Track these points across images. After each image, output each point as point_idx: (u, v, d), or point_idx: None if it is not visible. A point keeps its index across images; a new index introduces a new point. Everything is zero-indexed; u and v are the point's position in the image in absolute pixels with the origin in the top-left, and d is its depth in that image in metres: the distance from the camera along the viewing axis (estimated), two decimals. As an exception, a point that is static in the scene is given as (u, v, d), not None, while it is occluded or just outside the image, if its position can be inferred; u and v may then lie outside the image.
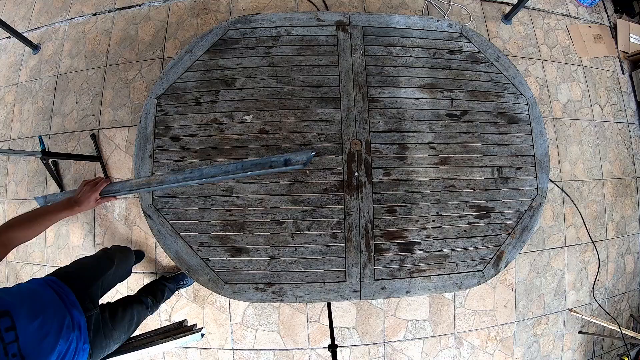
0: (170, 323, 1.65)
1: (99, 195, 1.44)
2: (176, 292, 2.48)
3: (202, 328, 1.63)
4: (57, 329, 1.31)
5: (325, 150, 1.72)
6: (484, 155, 1.81)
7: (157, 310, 2.53)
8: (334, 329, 1.85)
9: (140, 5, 3.00)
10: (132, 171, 2.69)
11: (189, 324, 1.64)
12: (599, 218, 3.07)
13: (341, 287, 1.64)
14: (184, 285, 2.50)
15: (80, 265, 1.62)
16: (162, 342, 1.52)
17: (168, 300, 2.56)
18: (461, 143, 1.81)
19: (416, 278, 1.67)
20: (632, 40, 3.44)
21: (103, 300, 1.61)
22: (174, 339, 1.53)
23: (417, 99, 1.82)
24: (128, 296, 1.86)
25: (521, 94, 1.91)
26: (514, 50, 3.11)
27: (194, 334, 1.57)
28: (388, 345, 2.60)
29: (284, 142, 1.72)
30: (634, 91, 3.38)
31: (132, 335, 1.63)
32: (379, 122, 1.77)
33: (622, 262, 3.11)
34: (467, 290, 2.68)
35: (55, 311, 1.33)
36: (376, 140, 1.75)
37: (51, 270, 1.52)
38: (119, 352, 1.53)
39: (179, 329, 1.59)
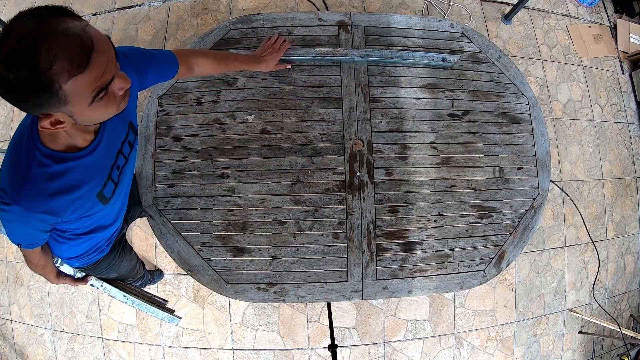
0: (157, 296, 1.75)
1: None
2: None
3: (180, 318, 1.72)
4: (122, 209, 1.42)
5: (327, 150, 1.72)
6: (485, 155, 1.81)
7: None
8: (334, 329, 1.85)
9: (140, 5, 3.00)
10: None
11: (171, 307, 1.75)
12: (599, 218, 3.07)
13: (343, 287, 1.64)
14: (149, 283, 2.55)
15: (135, 187, 1.68)
16: (146, 303, 1.61)
17: (167, 299, 2.56)
18: (462, 143, 1.81)
19: (418, 278, 1.67)
20: (632, 40, 3.45)
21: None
22: (156, 307, 1.64)
23: (419, 98, 1.82)
24: None
25: (522, 93, 1.91)
26: (514, 50, 3.12)
27: (171, 317, 1.68)
28: (388, 345, 2.61)
29: (285, 142, 1.72)
30: (634, 91, 3.39)
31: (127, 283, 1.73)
32: (381, 122, 1.77)
33: (622, 262, 3.12)
34: (467, 290, 2.68)
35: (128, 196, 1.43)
36: (378, 140, 1.75)
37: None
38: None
39: (161, 305, 1.69)
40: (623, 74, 3.41)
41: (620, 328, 2.61)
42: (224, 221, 1.65)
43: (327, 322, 2.23)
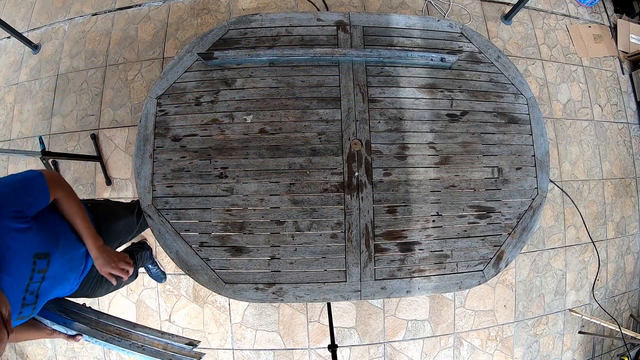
0: (180, 337, 1.48)
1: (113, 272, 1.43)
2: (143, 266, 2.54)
3: None
4: (74, 278, 1.40)
5: (326, 150, 1.72)
6: (484, 155, 1.81)
7: (157, 309, 2.54)
8: (334, 329, 1.85)
9: (140, 5, 3.01)
10: (132, 171, 2.69)
11: (198, 351, 1.47)
12: (599, 218, 3.07)
13: (341, 287, 1.64)
14: (149, 270, 2.55)
15: (115, 222, 1.67)
16: (150, 356, 1.40)
17: (167, 299, 2.57)
18: (461, 143, 1.80)
19: (416, 278, 1.67)
20: (632, 40, 3.44)
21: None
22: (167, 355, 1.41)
23: (417, 99, 1.82)
24: None
25: (521, 94, 1.91)
26: (514, 50, 3.11)
27: None
28: (388, 345, 2.60)
29: (284, 142, 1.72)
30: (634, 91, 3.38)
31: (131, 335, 1.51)
32: (379, 122, 1.77)
33: (622, 262, 3.12)
34: (467, 290, 2.68)
35: (80, 260, 1.40)
36: (376, 140, 1.75)
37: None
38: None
39: (182, 352, 1.42)
40: (623, 74, 3.40)
41: (620, 328, 2.60)
42: (223, 221, 1.65)
43: (327, 322, 2.23)
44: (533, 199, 1.81)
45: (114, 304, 2.60)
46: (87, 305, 1.47)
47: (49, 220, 1.26)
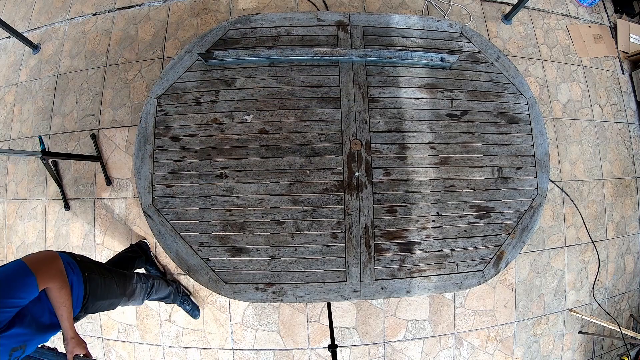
0: None
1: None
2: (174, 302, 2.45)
3: None
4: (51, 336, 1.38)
5: (326, 150, 1.72)
6: (484, 155, 1.81)
7: (157, 309, 2.54)
8: (334, 329, 1.85)
9: (140, 5, 3.00)
10: (132, 171, 2.69)
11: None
12: (599, 218, 3.06)
13: (341, 287, 1.64)
14: (184, 304, 2.49)
15: (103, 299, 1.61)
16: None
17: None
18: (461, 143, 1.81)
19: (416, 278, 1.67)
20: (632, 40, 3.44)
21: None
22: None
23: (417, 99, 1.82)
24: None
25: (521, 94, 1.91)
26: (514, 50, 3.11)
27: None
28: (388, 345, 2.60)
29: (284, 142, 1.72)
30: (634, 91, 3.38)
31: None
32: (379, 122, 1.77)
33: (622, 262, 3.11)
34: (467, 290, 2.68)
35: (56, 328, 1.38)
36: (376, 140, 1.75)
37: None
38: None
39: None
40: (623, 74, 3.40)
41: (620, 328, 2.60)
42: (223, 221, 1.65)
43: (327, 322, 2.23)
44: (533, 199, 1.81)
45: (114, 304, 2.60)
46: (53, 347, 1.43)
47: (32, 311, 1.24)
